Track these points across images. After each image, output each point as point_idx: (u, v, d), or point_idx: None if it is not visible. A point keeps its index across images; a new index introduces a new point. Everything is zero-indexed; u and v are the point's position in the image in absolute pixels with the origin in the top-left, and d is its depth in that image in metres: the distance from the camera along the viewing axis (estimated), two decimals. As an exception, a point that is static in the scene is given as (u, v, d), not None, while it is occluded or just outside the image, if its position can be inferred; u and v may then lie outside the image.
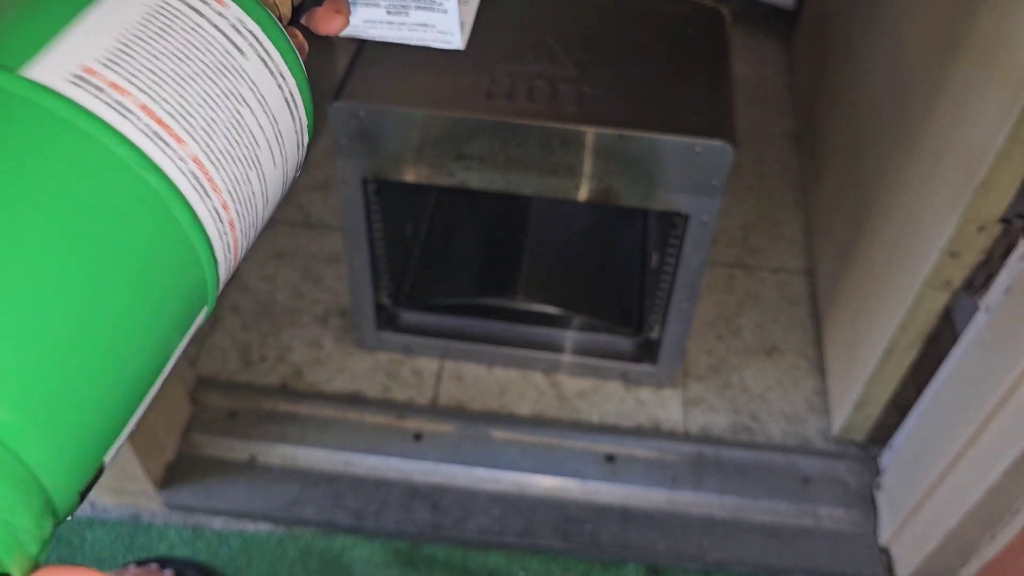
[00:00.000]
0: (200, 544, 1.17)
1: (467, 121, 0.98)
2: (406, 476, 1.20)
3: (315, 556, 1.16)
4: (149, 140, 0.27)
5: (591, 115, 0.97)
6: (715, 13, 1.14)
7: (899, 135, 1.11)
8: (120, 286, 0.26)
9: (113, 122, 0.27)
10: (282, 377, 1.29)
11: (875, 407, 1.18)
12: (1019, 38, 0.82)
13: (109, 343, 0.25)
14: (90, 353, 0.25)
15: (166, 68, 0.28)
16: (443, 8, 0.37)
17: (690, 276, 1.10)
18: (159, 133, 0.27)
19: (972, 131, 0.90)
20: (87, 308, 0.25)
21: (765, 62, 1.88)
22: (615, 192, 1.02)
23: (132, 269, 0.26)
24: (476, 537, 1.15)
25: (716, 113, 0.99)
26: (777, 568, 1.15)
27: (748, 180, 1.62)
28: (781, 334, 1.37)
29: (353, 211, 1.10)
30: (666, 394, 1.29)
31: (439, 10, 0.37)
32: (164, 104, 0.28)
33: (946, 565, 1.09)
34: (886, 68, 1.21)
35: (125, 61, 0.28)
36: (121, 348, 0.26)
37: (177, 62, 0.28)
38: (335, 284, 1.41)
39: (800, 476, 1.20)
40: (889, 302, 1.07)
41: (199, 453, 1.21)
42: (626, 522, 1.17)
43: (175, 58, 0.28)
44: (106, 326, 0.25)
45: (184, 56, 0.28)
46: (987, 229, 0.91)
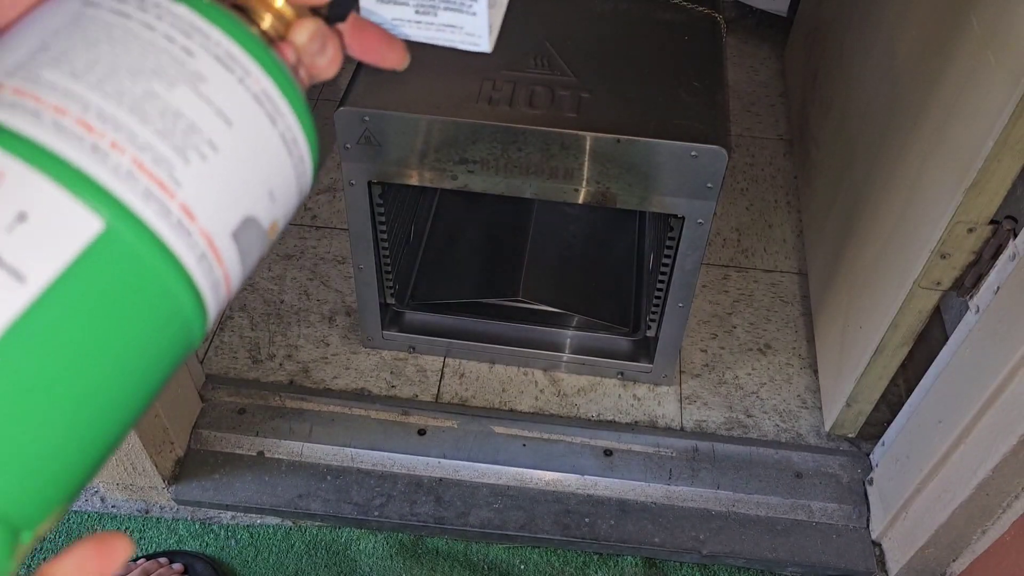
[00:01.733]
0: (209, 538, 1.19)
1: (469, 126, 0.99)
2: (410, 470, 1.21)
3: (322, 549, 1.18)
4: (73, 147, 0.24)
5: (590, 120, 0.98)
6: (711, 20, 1.14)
7: (890, 139, 1.12)
8: (90, 343, 0.24)
9: (23, 128, 0.24)
10: (290, 374, 1.31)
11: (866, 404, 1.18)
12: (1008, 43, 0.83)
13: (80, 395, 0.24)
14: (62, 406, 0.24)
15: (89, 72, 0.26)
16: (472, 11, 0.36)
17: (685, 276, 1.12)
18: (85, 138, 0.25)
19: (962, 134, 0.90)
20: (54, 369, 0.24)
21: (759, 68, 1.89)
22: (613, 195, 1.03)
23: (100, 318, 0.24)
24: (478, 530, 1.17)
25: (711, 118, 1.00)
26: (771, 561, 1.16)
27: (742, 183, 1.64)
28: (774, 333, 1.39)
29: (359, 213, 1.12)
30: (662, 391, 1.31)
31: (468, 12, 0.36)
32: (90, 106, 0.25)
33: (937, 559, 1.10)
34: (877, 73, 1.21)
35: (33, 66, 0.25)
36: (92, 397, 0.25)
37: (102, 64, 0.26)
38: (341, 284, 1.43)
39: (793, 471, 1.21)
40: (880, 302, 1.08)
41: (208, 449, 1.23)
42: (624, 515, 1.18)
43: (100, 61, 0.26)
44: (77, 383, 0.24)
45: (111, 59, 0.26)
46: (977, 230, 0.91)
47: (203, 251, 0.26)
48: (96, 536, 0.26)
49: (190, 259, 0.26)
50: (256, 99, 0.28)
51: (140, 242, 0.25)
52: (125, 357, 0.25)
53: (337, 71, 0.34)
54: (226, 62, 0.28)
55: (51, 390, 0.23)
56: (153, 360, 0.26)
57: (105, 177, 0.24)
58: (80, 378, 0.24)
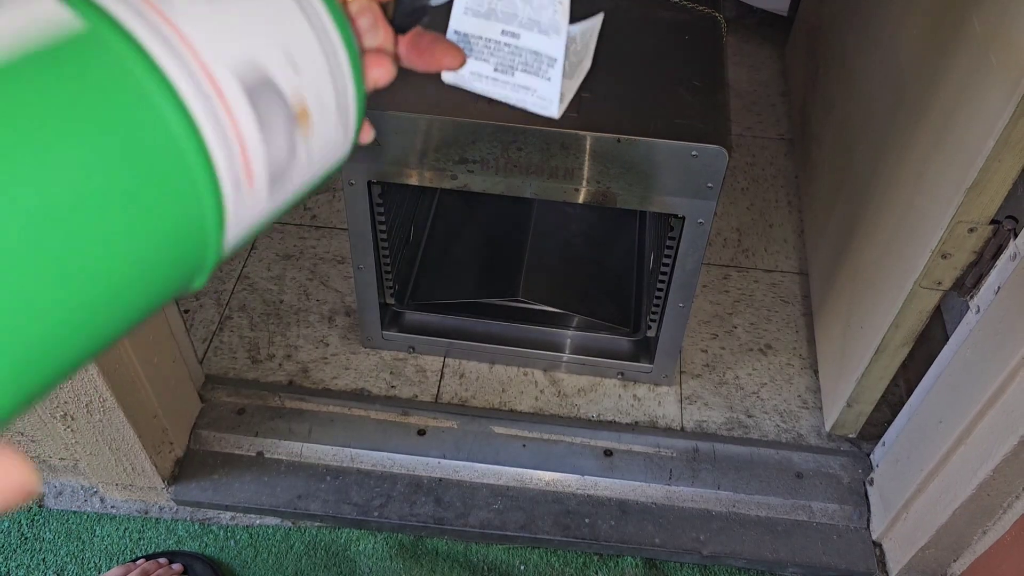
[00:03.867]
0: (208, 538, 1.19)
1: (469, 125, 0.99)
2: (410, 471, 1.21)
3: (321, 549, 1.18)
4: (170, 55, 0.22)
5: (590, 120, 0.98)
6: (711, 20, 1.14)
7: (891, 138, 1.12)
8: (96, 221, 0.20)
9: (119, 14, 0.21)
10: (289, 375, 1.31)
11: (867, 404, 1.18)
12: (1009, 43, 0.83)
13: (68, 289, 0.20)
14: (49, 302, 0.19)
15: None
16: (547, 76, 0.38)
17: (686, 276, 1.12)
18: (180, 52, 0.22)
19: (963, 134, 0.90)
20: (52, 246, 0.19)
21: (760, 67, 1.89)
22: (613, 195, 1.03)
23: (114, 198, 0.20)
24: (478, 530, 1.17)
25: (712, 118, 1.00)
26: (771, 562, 1.16)
27: (743, 183, 1.63)
28: (775, 333, 1.39)
29: (358, 213, 1.12)
30: (663, 391, 1.31)
31: (543, 77, 0.38)
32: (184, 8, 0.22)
33: (938, 560, 1.10)
34: (879, 73, 1.21)
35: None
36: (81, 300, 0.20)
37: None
38: (341, 284, 1.43)
39: (794, 471, 1.21)
40: (881, 302, 1.08)
41: (207, 449, 1.22)
42: (624, 516, 1.18)
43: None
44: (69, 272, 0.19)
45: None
46: (978, 230, 0.91)
47: (207, 91, 0.22)
48: None
49: (187, 88, 0.22)
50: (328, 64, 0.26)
51: (121, 50, 0.21)
52: (111, 211, 0.20)
53: (391, 78, 0.33)
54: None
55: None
56: (151, 234, 0.21)
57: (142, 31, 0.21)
58: (48, 221, 0.19)
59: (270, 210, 0.26)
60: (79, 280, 0.20)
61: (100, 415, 1.04)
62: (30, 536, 1.19)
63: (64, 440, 1.11)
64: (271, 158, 0.24)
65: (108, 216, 0.20)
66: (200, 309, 1.39)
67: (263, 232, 1.51)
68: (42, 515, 1.20)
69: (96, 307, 0.20)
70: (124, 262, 0.20)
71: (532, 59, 0.38)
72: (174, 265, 0.22)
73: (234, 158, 0.23)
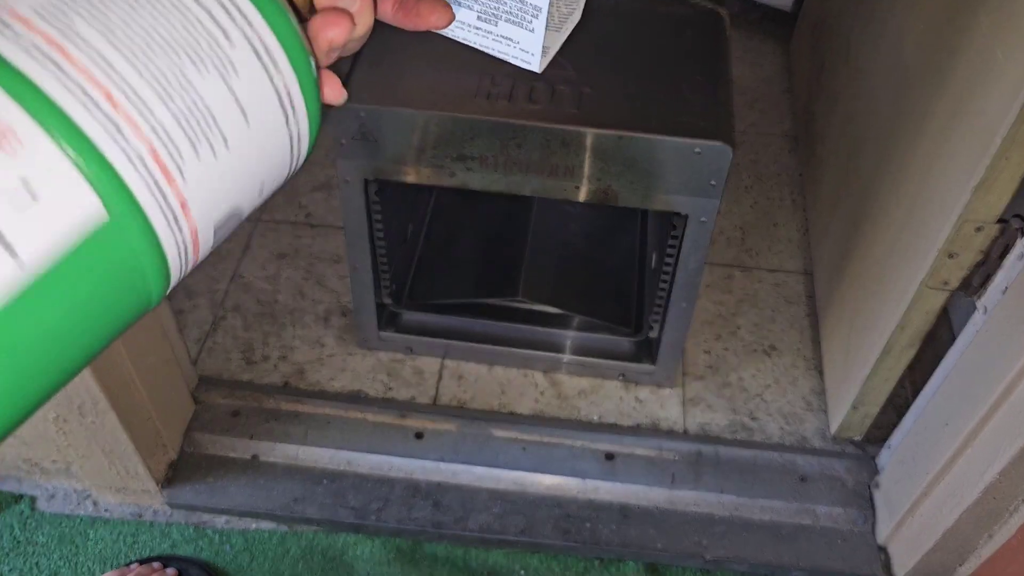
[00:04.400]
0: (203, 542, 1.18)
1: (468, 122, 0.98)
2: (408, 474, 1.20)
3: (317, 554, 1.17)
4: (96, 123, 0.23)
5: (591, 116, 0.98)
6: (714, 15, 1.14)
7: (897, 135, 1.11)
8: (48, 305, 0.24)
9: (50, 90, 0.22)
10: (284, 376, 1.30)
11: (873, 406, 1.18)
12: (1017, 40, 0.83)
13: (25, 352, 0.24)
14: None
15: (124, 35, 0.24)
16: (531, 27, 0.38)
17: (689, 276, 1.11)
18: (110, 115, 0.23)
19: (970, 131, 0.90)
20: None
21: (763, 64, 1.89)
22: (615, 193, 1.02)
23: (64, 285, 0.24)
24: (477, 535, 1.16)
25: (715, 114, 0.99)
26: (776, 566, 1.15)
27: (746, 181, 1.62)
28: (779, 334, 1.38)
29: (355, 211, 1.11)
30: (665, 393, 1.30)
31: (527, 28, 0.38)
32: (118, 77, 0.24)
33: (943, 564, 1.10)
34: (884, 69, 1.21)
35: (67, 12, 0.23)
36: (46, 356, 0.24)
37: (138, 29, 0.24)
38: (337, 284, 1.42)
39: (798, 475, 1.20)
40: (887, 302, 1.08)
41: (202, 452, 1.22)
42: (625, 520, 1.18)
43: (137, 25, 0.24)
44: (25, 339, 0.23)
45: (149, 25, 0.25)
46: (985, 230, 0.91)
47: (186, 242, 0.26)
48: None
49: (172, 250, 0.26)
50: (279, 97, 0.28)
51: (136, 234, 0.24)
52: (87, 326, 0.25)
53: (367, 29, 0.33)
54: (261, 55, 0.27)
55: (8, 350, 0.23)
56: (109, 327, 0.26)
57: (120, 162, 0.23)
58: (41, 342, 0.24)
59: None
60: (48, 352, 0.24)
61: (93, 418, 1.03)
62: (23, 540, 1.18)
63: (56, 443, 1.10)
64: (214, 247, 0.29)
65: (82, 322, 0.25)
66: (194, 309, 1.38)
67: (258, 232, 1.50)
68: (35, 519, 1.20)
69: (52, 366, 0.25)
70: (84, 337, 0.25)
71: (516, 8, 0.38)
72: (124, 322, 0.27)
73: (184, 269, 0.27)
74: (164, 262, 0.26)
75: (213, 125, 0.26)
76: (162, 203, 0.24)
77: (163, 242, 0.25)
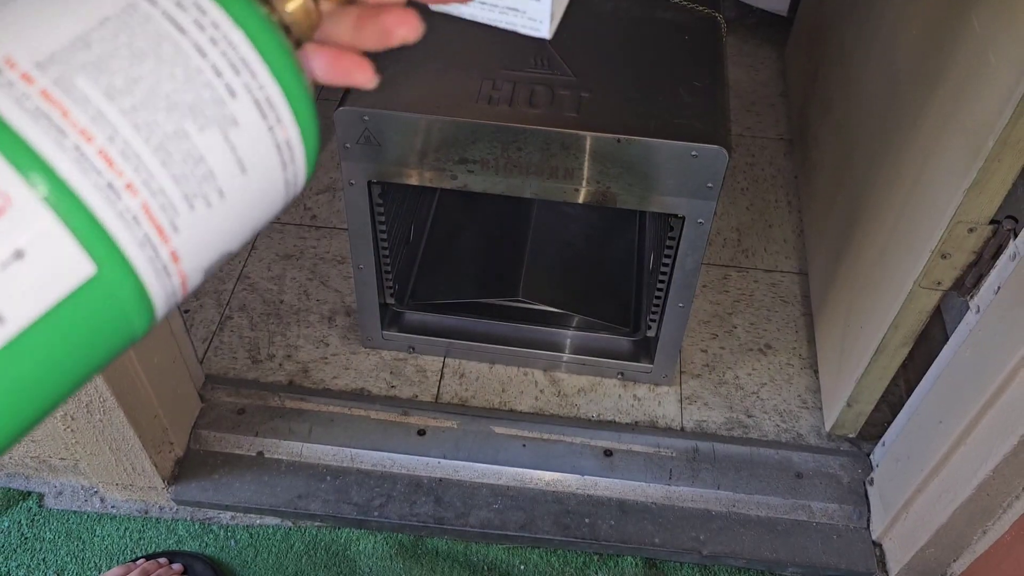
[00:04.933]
0: (208, 538, 1.19)
1: (469, 125, 0.99)
2: (410, 471, 1.21)
3: (321, 549, 1.18)
4: (90, 183, 0.23)
5: (590, 120, 0.98)
6: (711, 20, 1.15)
7: (890, 138, 1.12)
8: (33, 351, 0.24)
9: (44, 150, 0.22)
10: (289, 375, 1.31)
11: (867, 404, 1.18)
12: (1010, 42, 0.83)
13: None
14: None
15: (126, 91, 0.24)
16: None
17: (686, 276, 1.12)
18: (105, 175, 0.23)
19: (963, 134, 0.90)
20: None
21: (759, 68, 1.89)
22: (613, 195, 1.03)
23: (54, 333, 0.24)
24: (478, 530, 1.17)
25: (712, 118, 1.00)
26: (771, 561, 1.16)
27: (742, 183, 1.64)
28: (775, 333, 1.39)
29: (358, 213, 1.12)
30: (663, 391, 1.31)
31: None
32: (117, 136, 0.23)
33: (938, 560, 1.10)
34: (878, 73, 1.21)
35: (69, 65, 0.23)
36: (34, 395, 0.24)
37: (141, 85, 0.24)
38: (341, 284, 1.43)
39: (794, 471, 1.21)
40: (880, 302, 1.08)
41: (207, 449, 1.22)
42: (624, 516, 1.18)
43: (140, 80, 0.24)
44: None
45: (152, 80, 0.24)
46: (977, 231, 0.91)
47: (175, 289, 0.26)
48: None
49: (161, 298, 0.26)
50: (278, 148, 0.27)
51: (124, 288, 0.24)
52: (74, 368, 0.25)
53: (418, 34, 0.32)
54: (264, 108, 0.26)
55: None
56: (92, 364, 0.26)
57: (112, 221, 0.23)
58: (28, 386, 0.24)
59: None
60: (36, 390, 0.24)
61: (100, 415, 1.04)
62: (30, 536, 1.19)
63: (64, 440, 1.11)
64: (206, 277, 0.28)
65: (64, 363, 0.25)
66: (200, 309, 1.39)
67: (261, 232, 1.51)
68: (42, 515, 1.21)
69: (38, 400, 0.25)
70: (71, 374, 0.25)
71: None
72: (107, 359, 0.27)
73: (171, 308, 0.27)
74: (150, 307, 0.25)
75: (210, 180, 0.25)
76: (153, 257, 0.24)
77: (151, 292, 0.25)
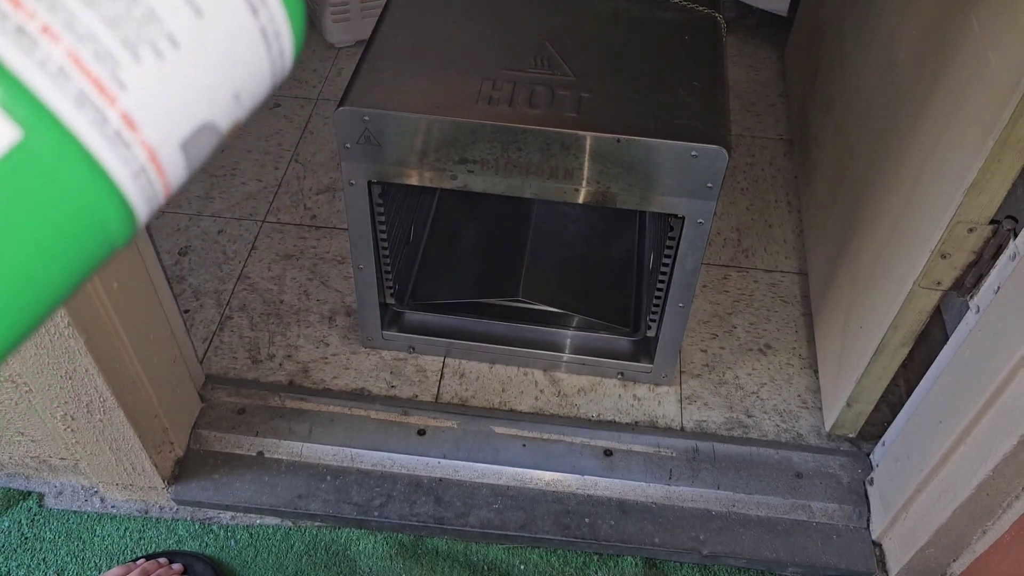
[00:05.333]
0: (208, 538, 1.19)
1: (469, 126, 0.99)
2: (410, 471, 1.21)
3: (321, 549, 1.18)
4: (3, 35, 0.20)
5: (590, 120, 0.99)
6: (711, 20, 1.15)
7: (890, 138, 1.12)
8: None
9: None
10: (289, 374, 1.31)
11: (867, 404, 1.18)
12: (1009, 43, 0.83)
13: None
14: None
15: None
16: None
17: (686, 276, 1.12)
18: (20, 25, 0.20)
19: (963, 134, 0.90)
20: None
21: (759, 68, 1.90)
22: (613, 195, 1.03)
23: None
24: (478, 530, 1.17)
25: (712, 118, 1.00)
26: (771, 561, 1.16)
27: (742, 183, 1.64)
28: (774, 333, 1.39)
29: (358, 213, 1.12)
30: (662, 391, 1.31)
31: None
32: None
33: (937, 559, 1.10)
34: (878, 73, 1.21)
35: None
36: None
37: None
38: (341, 284, 1.43)
39: (793, 471, 1.21)
40: (880, 302, 1.08)
41: (208, 449, 1.23)
42: (624, 516, 1.19)
43: None
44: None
45: None
46: (977, 231, 0.92)
47: (142, 165, 0.22)
48: None
49: (124, 175, 0.22)
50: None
51: (64, 157, 0.20)
52: (26, 268, 0.21)
53: None
54: None
55: None
56: (63, 269, 0.22)
57: (29, 73, 0.20)
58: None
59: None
60: None
61: (100, 415, 1.04)
62: (30, 536, 1.19)
63: (64, 440, 1.11)
64: (191, 173, 0.24)
65: (22, 266, 0.21)
66: (200, 309, 1.40)
67: (263, 232, 1.51)
68: (42, 515, 1.21)
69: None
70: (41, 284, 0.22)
71: None
72: (83, 266, 0.23)
73: (155, 199, 0.23)
74: (113, 188, 0.22)
75: (153, 21, 0.21)
76: (99, 120, 0.21)
77: (108, 168, 0.21)
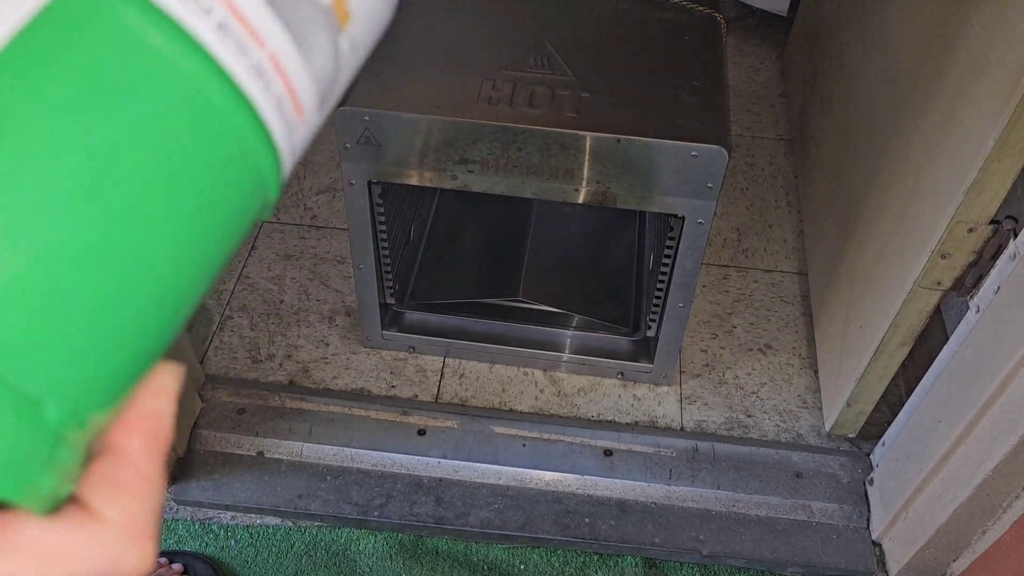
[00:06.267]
0: (208, 538, 1.19)
1: (469, 126, 0.99)
2: (410, 470, 1.21)
3: (321, 549, 1.18)
4: None
5: (590, 120, 0.99)
6: (711, 20, 1.15)
7: (890, 138, 1.12)
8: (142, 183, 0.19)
9: None
10: (289, 374, 1.31)
11: (867, 404, 1.18)
12: (1009, 43, 0.83)
13: (127, 254, 0.20)
14: (100, 264, 0.19)
15: None
16: None
17: (686, 276, 1.12)
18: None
19: (962, 134, 0.91)
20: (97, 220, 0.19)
21: (759, 68, 1.90)
22: (613, 195, 1.03)
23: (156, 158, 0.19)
24: (478, 530, 1.17)
25: (711, 118, 1.00)
26: (771, 561, 1.16)
27: (742, 183, 1.64)
28: (774, 332, 1.39)
29: (358, 213, 1.12)
30: (662, 391, 1.31)
31: None
32: None
33: (937, 559, 1.10)
34: (878, 73, 1.22)
35: None
36: (145, 256, 0.20)
37: None
38: (341, 284, 1.43)
39: (793, 471, 1.21)
40: (880, 302, 1.08)
41: (208, 449, 1.23)
42: (624, 515, 1.19)
43: None
44: (123, 239, 0.20)
45: None
46: (977, 230, 0.92)
47: (280, 98, 0.21)
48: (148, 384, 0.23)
49: (269, 109, 0.20)
50: None
51: (213, 87, 0.19)
52: (151, 208, 0.19)
53: None
54: None
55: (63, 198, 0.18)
56: (230, 214, 0.21)
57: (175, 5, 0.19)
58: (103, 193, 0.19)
59: (320, 122, 0.24)
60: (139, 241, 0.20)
61: (101, 415, 1.04)
62: (31, 536, 1.19)
63: (65, 440, 1.10)
64: (317, 78, 0.22)
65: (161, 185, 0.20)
66: (200, 309, 1.39)
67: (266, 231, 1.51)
68: (43, 515, 1.20)
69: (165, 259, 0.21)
70: (184, 224, 0.21)
71: None
72: (236, 214, 0.22)
73: (284, 107, 0.21)
74: (262, 127, 0.20)
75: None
76: (240, 49, 0.20)
77: (254, 99, 0.20)
